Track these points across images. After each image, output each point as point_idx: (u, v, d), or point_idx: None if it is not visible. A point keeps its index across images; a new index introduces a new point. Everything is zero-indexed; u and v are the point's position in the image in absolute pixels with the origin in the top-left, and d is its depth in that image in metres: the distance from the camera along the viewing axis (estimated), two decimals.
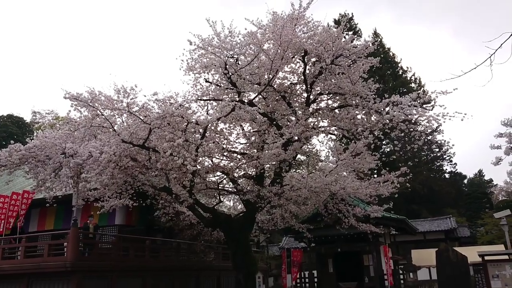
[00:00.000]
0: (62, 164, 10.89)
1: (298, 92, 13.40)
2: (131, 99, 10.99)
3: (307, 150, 15.96)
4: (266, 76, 12.02)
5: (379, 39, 40.98)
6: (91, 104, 10.94)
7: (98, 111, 11.14)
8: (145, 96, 11.20)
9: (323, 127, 13.30)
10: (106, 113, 11.37)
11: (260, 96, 12.86)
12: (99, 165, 10.36)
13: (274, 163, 12.76)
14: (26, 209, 16.23)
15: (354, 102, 12.36)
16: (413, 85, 42.28)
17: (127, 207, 14.15)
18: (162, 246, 18.07)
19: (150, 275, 16.02)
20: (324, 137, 14.11)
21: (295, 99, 13.38)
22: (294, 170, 17.11)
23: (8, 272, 14.03)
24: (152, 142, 11.32)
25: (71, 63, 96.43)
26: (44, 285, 13.63)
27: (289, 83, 13.13)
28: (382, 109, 11.42)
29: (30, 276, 13.76)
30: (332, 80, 12.31)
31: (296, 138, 12.07)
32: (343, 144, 15.88)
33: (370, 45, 11.98)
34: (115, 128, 11.29)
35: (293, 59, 12.42)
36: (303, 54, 11.95)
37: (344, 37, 12.00)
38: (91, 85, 11.42)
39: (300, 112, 12.56)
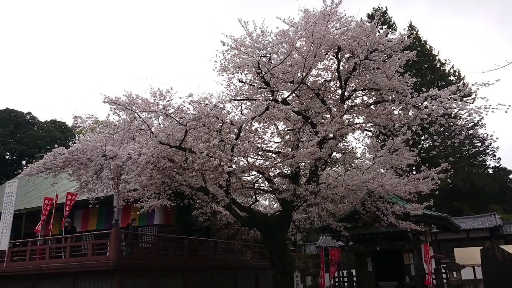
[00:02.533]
0: (103, 166, 11.24)
1: (332, 89, 13.27)
2: (167, 101, 11.20)
3: (342, 147, 15.77)
4: (299, 74, 11.97)
5: (414, 32, 39.94)
6: (129, 107, 11.23)
7: (135, 114, 11.42)
8: (180, 98, 11.45)
9: (358, 123, 13.08)
10: (143, 115, 11.64)
11: (293, 95, 12.81)
12: (138, 166, 10.63)
13: (309, 161, 12.69)
14: (69, 210, 16.84)
15: (390, 97, 12.08)
16: (452, 78, 40.88)
17: (165, 207, 14.46)
18: (200, 245, 18.33)
19: (189, 274, 16.29)
20: (360, 134, 13.89)
21: (329, 96, 13.25)
22: (329, 168, 16.94)
23: (55, 270, 14.63)
24: (188, 143, 11.50)
25: (109, 68, 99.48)
26: (89, 284, 14.11)
27: (322, 80, 13.02)
28: (420, 104, 11.10)
29: (75, 274, 14.27)
30: (367, 75, 12.10)
31: (331, 135, 11.95)
32: (379, 141, 15.56)
33: (406, 38, 11.70)
34: (152, 130, 11.55)
35: (326, 56, 12.31)
36: (336, 50, 11.82)
37: (378, 32, 11.78)
38: (128, 89, 11.71)
39: (335, 109, 12.43)
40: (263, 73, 11.91)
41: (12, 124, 48.56)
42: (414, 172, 18.44)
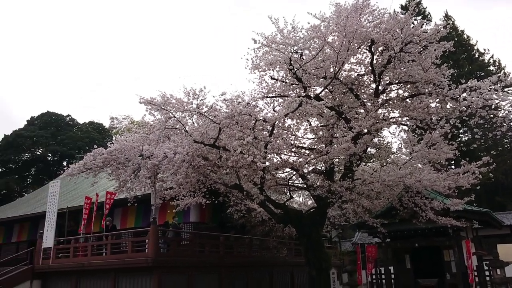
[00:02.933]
0: (140, 166, 11.51)
1: (366, 83, 13.06)
2: (200, 101, 11.36)
3: (377, 142, 15.50)
4: (331, 69, 11.85)
5: (451, 22, 38.61)
6: (163, 107, 11.46)
7: (170, 114, 11.64)
8: (213, 96, 11.52)
9: (394, 118, 12.83)
10: (178, 115, 11.85)
11: (326, 90, 12.70)
12: (173, 165, 10.84)
13: (343, 157, 12.54)
14: (109, 208, 17.36)
15: (427, 90, 11.78)
16: (492, 68, 39.22)
17: (200, 205, 14.67)
18: (235, 243, 18.49)
19: (225, 271, 16.48)
20: (395, 128, 13.62)
21: (363, 91, 13.05)
22: (364, 163, 16.68)
23: (97, 267, 15.15)
24: (222, 141, 11.62)
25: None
26: (129, 280, 14.53)
27: (356, 74, 12.84)
28: (459, 96, 10.78)
29: (116, 271, 14.74)
30: (402, 68, 11.85)
31: (366, 130, 11.77)
32: (416, 135, 15.18)
33: (442, 29, 11.37)
34: (187, 129, 11.73)
35: (359, 49, 12.13)
36: (369, 43, 11.63)
37: (413, 23, 11.51)
38: (162, 89, 11.94)
39: (369, 103, 12.23)
40: (295, 69, 11.86)
41: (53, 127, 50.57)
42: (453, 167, 17.89)
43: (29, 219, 23.29)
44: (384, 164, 14.12)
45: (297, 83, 12.30)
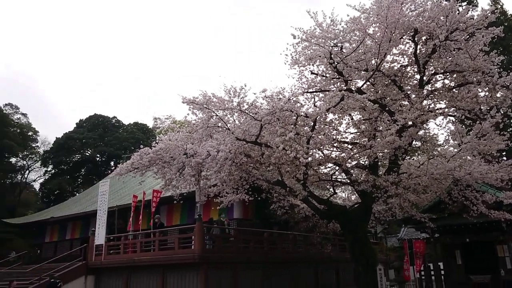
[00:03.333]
0: (185, 164, 11.74)
1: (410, 74, 12.72)
2: (241, 98, 11.43)
3: (423, 135, 15.05)
4: (373, 61, 11.62)
5: (499, 6, 36.71)
6: (206, 106, 11.63)
7: (212, 112, 11.80)
8: (254, 93, 11.55)
9: (440, 109, 12.41)
10: (219, 113, 11.99)
11: (368, 83, 12.47)
12: (217, 163, 10.98)
13: (387, 151, 12.26)
14: (156, 206, 17.86)
15: (475, 78, 11.32)
16: None
17: (243, 201, 14.80)
18: (279, 238, 18.52)
19: (270, 267, 16.57)
20: (442, 119, 13.15)
21: (406, 82, 12.72)
22: (409, 157, 16.23)
23: (146, 263, 15.67)
24: (264, 138, 11.65)
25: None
26: (177, 275, 14.93)
27: (399, 65, 12.54)
28: (510, 83, 10.27)
29: (164, 267, 15.17)
30: (448, 57, 11.46)
31: (411, 123, 11.46)
32: (464, 126, 14.61)
33: (490, 14, 10.89)
34: (229, 127, 11.85)
35: (402, 40, 11.83)
36: (412, 33, 11.32)
37: (458, 9, 11.08)
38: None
39: (413, 95, 11.91)
40: (336, 63, 11.72)
41: (100, 128, 52.65)
42: (505, 158, 17.06)
43: (81, 217, 24.41)
44: (431, 157, 13.68)
45: (338, 77, 12.15)
